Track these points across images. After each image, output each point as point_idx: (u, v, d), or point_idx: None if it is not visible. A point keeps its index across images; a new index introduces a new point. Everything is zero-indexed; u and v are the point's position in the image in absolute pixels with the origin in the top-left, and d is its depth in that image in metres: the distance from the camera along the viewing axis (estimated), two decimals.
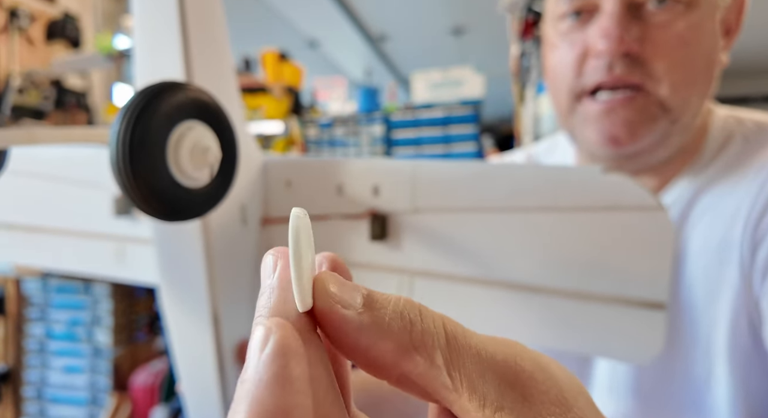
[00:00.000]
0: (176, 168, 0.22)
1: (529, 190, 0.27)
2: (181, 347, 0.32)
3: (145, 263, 0.36)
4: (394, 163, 0.30)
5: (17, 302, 1.46)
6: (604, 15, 0.41)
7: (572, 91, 0.44)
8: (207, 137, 0.23)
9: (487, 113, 5.81)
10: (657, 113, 0.42)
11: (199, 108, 0.23)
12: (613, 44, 0.40)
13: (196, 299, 0.30)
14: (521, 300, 0.28)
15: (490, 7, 2.09)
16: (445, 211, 0.29)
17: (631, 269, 0.26)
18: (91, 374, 1.43)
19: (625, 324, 0.26)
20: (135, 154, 0.20)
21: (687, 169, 0.46)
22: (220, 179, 0.25)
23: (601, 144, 0.43)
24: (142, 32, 0.26)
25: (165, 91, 0.21)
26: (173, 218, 0.22)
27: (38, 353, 1.45)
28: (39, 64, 1.69)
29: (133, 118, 0.20)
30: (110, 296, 1.42)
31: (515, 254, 0.28)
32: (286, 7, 3.06)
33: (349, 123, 1.87)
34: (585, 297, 0.27)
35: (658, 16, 0.41)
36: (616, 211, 0.26)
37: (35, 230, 0.39)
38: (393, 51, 4.27)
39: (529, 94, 1.32)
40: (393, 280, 0.31)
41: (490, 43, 3.80)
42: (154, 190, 0.21)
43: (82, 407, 1.43)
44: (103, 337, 1.42)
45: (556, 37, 0.46)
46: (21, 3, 1.65)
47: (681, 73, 0.41)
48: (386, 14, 3.34)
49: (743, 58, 4.19)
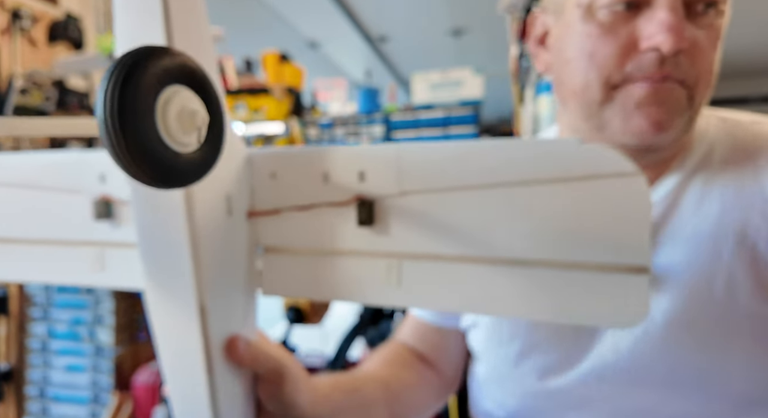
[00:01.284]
0: (165, 131, 0.22)
1: (510, 165, 0.27)
2: (167, 343, 0.31)
3: (127, 269, 0.35)
4: (379, 148, 0.30)
5: (20, 302, 1.47)
6: (661, 8, 0.41)
7: (610, 81, 0.43)
8: (193, 101, 0.23)
9: (486, 113, 5.82)
10: (685, 107, 0.43)
11: (186, 73, 0.23)
12: (677, 40, 0.40)
13: (183, 291, 0.29)
14: (508, 274, 0.28)
15: (489, 9, 2.10)
16: (430, 192, 0.29)
17: (612, 235, 0.26)
18: (93, 373, 1.44)
19: (611, 290, 0.26)
20: (125, 114, 0.20)
21: (677, 164, 0.48)
22: (208, 146, 0.25)
23: (644, 130, 0.43)
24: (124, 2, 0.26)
25: (152, 54, 0.21)
26: (165, 182, 0.22)
27: (41, 352, 1.46)
28: (41, 65, 1.70)
29: (120, 79, 0.20)
30: (112, 295, 1.43)
31: (500, 230, 0.28)
32: (288, 9, 3.08)
33: (350, 123, 1.88)
34: (570, 266, 0.27)
35: (703, 20, 0.42)
36: (595, 179, 0.26)
37: (8, 241, 0.38)
38: (393, 52, 4.28)
39: (528, 95, 1.33)
40: (381, 264, 0.31)
41: (489, 45, 3.82)
42: (145, 152, 0.21)
43: (84, 405, 1.44)
44: (105, 336, 1.43)
45: (590, 25, 0.44)
46: (23, 4, 1.66)
47: (708, 76, 0.43)
48: (386, 16, 3.36)
49: (742, 59, 4.21)
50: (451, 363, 0.62)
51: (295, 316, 1.40)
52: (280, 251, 0.34)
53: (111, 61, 0.21)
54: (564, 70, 0.47)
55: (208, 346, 0.31)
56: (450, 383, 0.62)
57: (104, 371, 1.43)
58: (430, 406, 0.60)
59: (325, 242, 0.33)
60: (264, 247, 0.35)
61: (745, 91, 4.88)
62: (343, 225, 0.32)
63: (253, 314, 0.37)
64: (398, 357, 0.59)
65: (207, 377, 0.31)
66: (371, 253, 0.31)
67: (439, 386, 0.60)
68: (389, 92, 2.05)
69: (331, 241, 0.32)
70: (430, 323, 0.61)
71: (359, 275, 0.32)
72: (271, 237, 0.34)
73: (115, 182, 0.34)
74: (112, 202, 0.34)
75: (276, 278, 0.35)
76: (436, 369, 0.60)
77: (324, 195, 0.32)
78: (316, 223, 0.33)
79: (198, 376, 0.31)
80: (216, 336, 0.31)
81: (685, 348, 0.44)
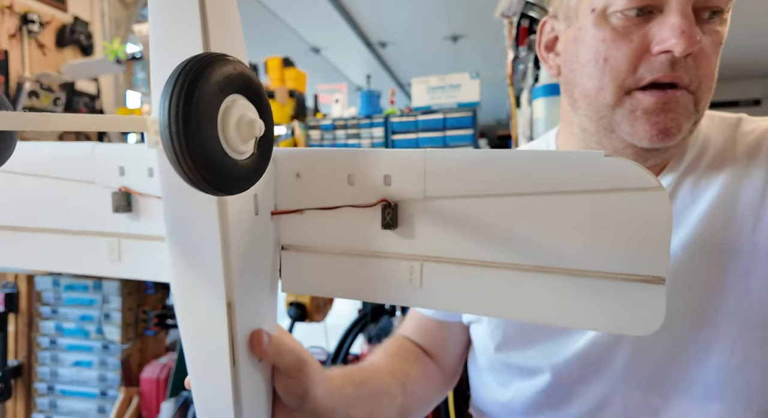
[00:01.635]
0: (225, 139, 0.22)
1: (535, 175, 0.27)
2: (193, 336, 0.31)
3: (143, 260, 0.35)
4: (405, 152, 0.30)
5: (29, 299, 1.50)
6: (673, 14, 0.42)
7: (623, 86, 0.45)
8: (251, 110, 0.23)
9: (483, 116, 5.86)
10: (692, 112, 0.45)
11: (244, 82, 0.23)
12: (690, 42, 0.41)
13: (211, 286, 0.29)
14: (529, 280, 0.28)
15: (486, 15, 2.14)
16: (454, 197, 0.29)
17: (633, 246, 0.26)
18: (100, 368, 1.47)
19: (628, 298, 0.27)
20: (189, 122, 0.20)
21: (674, 163, 0.50)
22: (260, 153, 0.25)
23: (652, 136, 0.44)
24: (159, 9, 0.25)
25: (215, 61, 0.21)
26: (222, 190, 0.22)
27: (49, 348, 1.49)
28: (50, 69, 1.73)
29: (186, 86, 0.20)
30: (120, 293, 1.46)
31: (521, 237, 0.28)
32: (291, 16, 3.13)
33: (351, 126, 1.92)
34: (589, 275, 0.27)
35: (709, 26, 0.44)
36: (618, 192, 0.26)
37: (27, 230, 0.37)
38: (393, 57, 4.33)
39: (524, 98, 1.37)
40: (404, 265, 0.31)
41: (486, 49, 3.86)
42: (207, 160, 0.21)
43: (92, 400, 1.47)
44: (113, 333, 1.46)
45: (604, 30, 0.45)
46: (32, 9, 1.70)
47: (711, 80, 0.45)
48: (386, 22, 3.41)
49: (732, 63, 4.27)
50: (452, 357, 0.63)
51: (297, 313, 1.43)
52: (301, 249, 0.34)
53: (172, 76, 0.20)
54: (577, 74, 0.49)
55: (233, 340, 0.31)
56: (451, 376, 0.64)
57: (112, 366, 1.46)
58: (433, 398, 0.61)
59: (348, 242, 0.33)
60: (284, 245, 0.35)
61: (736, 95, 4.95)
62: (366, 227, 0.32)
63: (274, 309, 0.37)
64: (402, 351, 0.60)
65: (231, 370, 0.31)
66: (394, 255, 0.31)
67: (440, 380, 0.62)
68: (389, 96, 2.09)
69: (354, 242, 0.32)
70: (432, 317, 0.62)
71: (381, 275, 0.32)
72: (293, 236, 0.35)
73: (134, 175, 0.34)
74: (131, 195, 0.34)
75: (296, 275, 0.35)
76: (438, 363, 0.62)
77: (348, 197, 0.32)
78: (339, 223, 0.32)
79: (222, 369, 0.31)
80: (241, 330, 0.32)
81: (677, 323, 0.47)
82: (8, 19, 1.63)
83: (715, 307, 0.46)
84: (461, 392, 1.23)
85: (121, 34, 2.00)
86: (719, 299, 0.46)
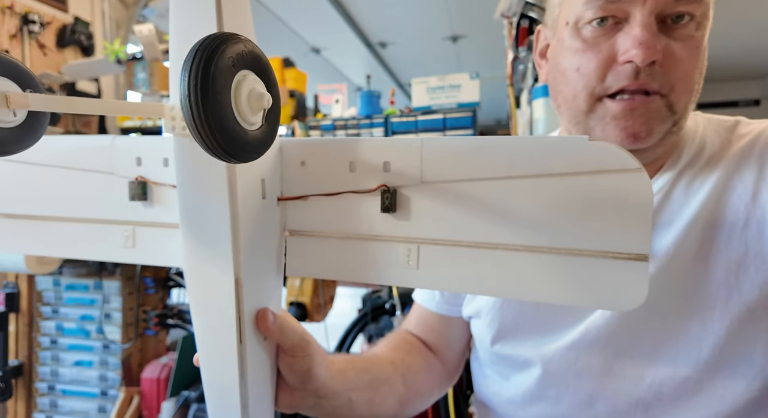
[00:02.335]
0: (237, 110, 0.24)
1: (524, 159, 0.29)
2: (202, 312, 0.33)
3: (156, 246, 0.36)
4: (404, 139, 0.32)
5: (30, 299, 1.50)
6: (636, 25, 0.44)
7: (593, 94, 0.47)
8: (260, 84, 0.25)
9: (483, 117, 5.86)
10: (666, 114, 0.46)
11: (254, 59, 0.25)
12: (649, 53, 0.43)
13: (221, 264, 0.31)
14: (519, 260, 0.30)
15: (486, 15, 2.15)
16: (449, 181, 0.31)
17: (617, 225, 0.28)
18: (101, 368, 1.47)
19: (613, 275, 0.28)
20: (207, 93, 0.21)
21: (669, 164, 0.51)
22: (269, 125, 0.26)
23: (621, 139, 0.47)
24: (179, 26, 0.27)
25: (228, 39, 0.23)
26: (236, 156, 0.24)
27: (50, 348, 1.49)
28: (51, 69, 1.74)
29: (203, 61, 0.21)
30: (121, 293, 1.46)
31: (512, 218, 0.30)
32: (292, 17, 3.14)
33: (351, 126, 1.92)
34: (576, 253, 0.29)
35: (677, 31, 0.45)
36: (602, 174, 0.28)
37: (47, 219, 0.39)
38: (393, 57, 4.33)
39: (524, 99, 1.37)
40: (401, 248, 0.33)
41: (486, 50, 3.87)
42: (222, 128, 0.22)
43: (93, 400, 1.47)
44: (114, 332, 1.46)
45: (577, 40, 0.48)
46: (33, 9, 1.71)
47: (687, 83, 0.46)
48: (386, 23, 3.41)
49: (731, 63, 4.27)
50: (454, 352, 0.64)
51: (297, 313, 1.43)
52: (305, 234, 0.36)
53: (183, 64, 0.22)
54: (558, 81, 0.52)
55: (240, 317, 0.32)
56: (452, 371, 0.65)
57: (112, 366, 1.46)
58: (433, 392, 0.62)
59: (349, 226, 0.34)
60: (289, 230, 0.37)
61: (735, 95, 4.95)
62: (367, 211, 0.33)
63: (279, 291, 0.39)
64: (404, 344, 0.61)
65: (238, 347, 0.32)
66: (392, 238, 0.33)
67: (442, 374, 0.63)
68: (389, 96, 2.09)
69: (355, 226, 0.34)
70: (435, 312, 0.63)
71: (380, 257, 0.34)
72: (298, 221, 0.36)
73: (151, 165, 0.36)
74: (147, 184, 0.36)
75: (300, 259, 0.37)
76: (439, 357, 0.63)
77: (350, 183, 0.33)
78: (341, 209, 0.34)
79: (229, 346, 0.32)
80: (248, 308, 0.33)
81: (667, 317, 0.48)
82: (9, 19, 1.64)
83: (706, 302, 0.47)
84: (461, 392, 1.24)
85: (121, 35, 2.01)
86: (710, 295, 0.47)
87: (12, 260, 1.27)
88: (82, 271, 1.48)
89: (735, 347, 0.47)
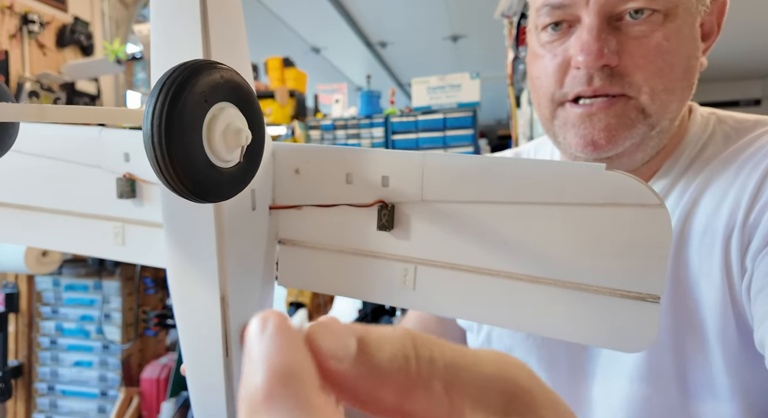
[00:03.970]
0: (209, 148, 0.22)
1: (534, 185, 0.27)
2: (187, 326, 0.31)
3: (148, 246, 0.35)
4: (405, 153, 0.30)
5: (30, 299, 1.50)
6: (583, 28, 0.42)
7: (554, 99, 0.46)
8: (239, 119, 0.23)
9: (483, 116, 5.87)
10: (636, 118, 0.43)
11: (233, 90, 0.23)
12: (591, 58, 0.41)
13: (206, 279, 0.29)
14: (523, 290, 0.28)
15: (486, 15, 2.15)
16: (452, 202, 0.29)
17: (629, 263, 0.26)
18: (101, 369, 1.47)
19: (622, 315, 0.27)
20: (172, 132, 0.20)
21: (666, 168, 0.47)
22: (248, 161, 0.24)
23: (581, 148, 0.44)
24: (160, 15, 0.25)
25: (201, 70, 0.21)
26: (204, 198, 0.22)
27: (50, 348, 1.49)
28: (50, 69, 1.73)
29: (170, 96, 0.19)
30: (120, 293, 1.46)
31: (517, 246, 0.28)
32: (292, 17, 3.14)
33: (351, 126, 1.92)
34: (584, 288, 0.27)
35: (636, 27, 0.42)
36: (618, 207, 0.26)
37: (32, 209, 0.38)
38: (393, 57, 4.33)
39: (524, 98, 1.37)
40: (398, 267, 0.31)
41: (487, 49, 3.87)
42: (189, 169, 0.20)
43: (93, 401, 1.47)
44: (113, 333, 1.46)
45: (538, 46, 0.47)
46: (32, 9, 1.70)
47: (660, 81, 0.42)
48: (386, 22, 3.41)
49: (732, 63, 4.27)
50: None
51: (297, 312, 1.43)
52: (298, 244, 0.35)
53: (159, 82, 0.20)
54: (531, 89, 0.50)
55: (226, 331, 0.31)
56: None
57: (112, 366, 1.46)
58: None
59: (344, 240, 0.33)
60: (281, 239, 0.35)
61: (736, 95, 4.95)
62: (363, 226, 0.32)
63: (269, 302, 0.38)
64: None
65: (224, 359, 0.32)
66: (388, 255, 0.32)
67: None
68: (389, 96, 2.09)
69: (350, 240, 0.33)
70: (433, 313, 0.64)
71: (375, 275, 0.32)
72: (291, 230, 0.35)
73: (139, 162, 0.34)
74: (135, 181, 0.34)
75: (292, 270, 0.35)
76: None
77: (346, 195, 0.32)
78: (336, 221, 0.33)
79: (215, 357, 0.32)
80: (234, 322, 0.32)
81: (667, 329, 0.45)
82: (8, 19, 1.64)
83: (686, 321, 0.44)
84: None
85: (121, 35, 2.01)
86: (684, 315, 0.44)
87: (12, 260, 1.27)
88: (82, 271, 1.48)
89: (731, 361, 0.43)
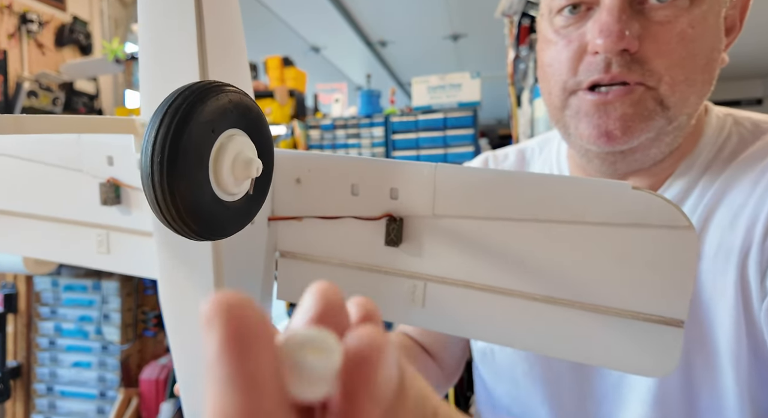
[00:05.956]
0: (216, 182, 0.20)
1: (555, 202, 0.26)
2: (180, 341, 0.29)
3: (133, 255, 0.33)
4: (415, 165, 0.28)
5: (28, 300, 1.49)
6: (603, 10, 0.39)
7: (566, 88, 0.43)
8: (248, 147, 0.21)
9: (484, 116, 5.87)
10: (654, 110, 0.40)
11: (242, 114, 0.20)
12: (611, 41, 0.38)
13: (201, 293, 0.28)
14: (537, 310, 0.27)
15: (487, 14, 2.14)
16: (465, 217, 0.28)
17: (653, 286, 0.25)
18: (100, 369, 1.46)
19: (644, 339, 0.25)
20: (175, 169, 0.17)
21: (681, 170, 0.45)
22: (256, 193, 0.23)
23: (594, 139, 0.41)
24: (150, 29, 0.23)
25: (208, 94, 0.18)
26: (209, 237, 0.20)
27: (48, 349, 1.49)
28: (49, 68, 1.73)
29: (173, 126, 0.17)
30: (119, 293, 1.46)
31: (534, 265, 0.27)
32: (291, 16, 3.13)
33: (351, 125, 1.92)
34: (605, 311, 0.26)
35: (660, 11, 0.39)
36: (644, 228, 0.25)
37: (12, 215, 0.35)
38: (393, 56, 4.32)
39: (525, 98, 1.36)
40: (406, 283, 0.30)
41: (487, 49, 3.86)
42: (193, 209, 0.18)
43: (91, 401, 1.46)
44: (112, 334, 1.46)
45: (551, 32, 0.43)
46: (31, 8, 1.70)
47: (681, 71, 0.39)
48: (386, 21, 3.40)
49: (734, 62, 4.26)
50: (452, 356, 0.63)
51: None
52: (298, 257, 0.33)
53: (164, 107, 0.17)
54: (540, 78, 0.47)
55: None
56: (450, 374, 0.63)
57: (111, 367, 1.46)
58: None
59: (348, 254, 0.31)
60: (280, 251, 0.33)
61: (737, 94, 4.94)
62: (369, 240, 0.30)
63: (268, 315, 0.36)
64: (402, 347, 0.60)
65: None
66: (396, 271, 0.30)
67: (439, 377, 0.61)
68: (389, 95, 2.08)
69: (354, 254, 0.31)
70: None
71: (381, 291, 0.30)
72: (291, 243, 0.33)
73: (124, 166, 0.32)
74: (119, 187, 0.32)
75: (292, 284, 0.34)
76: (437, 361, 0.62)
77: (351, 207, 0.30)
78: (339, 234, 0.31)
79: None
80: None
81: None
82: (7, 18, 1.63)
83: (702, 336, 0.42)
84: (462, 393, 1.23)
85: (120, 34, 2.00)
86: (701, 330, 0.42)
87: (10, 260, 1.26)
88: (81, 271, 1.48)
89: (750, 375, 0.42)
